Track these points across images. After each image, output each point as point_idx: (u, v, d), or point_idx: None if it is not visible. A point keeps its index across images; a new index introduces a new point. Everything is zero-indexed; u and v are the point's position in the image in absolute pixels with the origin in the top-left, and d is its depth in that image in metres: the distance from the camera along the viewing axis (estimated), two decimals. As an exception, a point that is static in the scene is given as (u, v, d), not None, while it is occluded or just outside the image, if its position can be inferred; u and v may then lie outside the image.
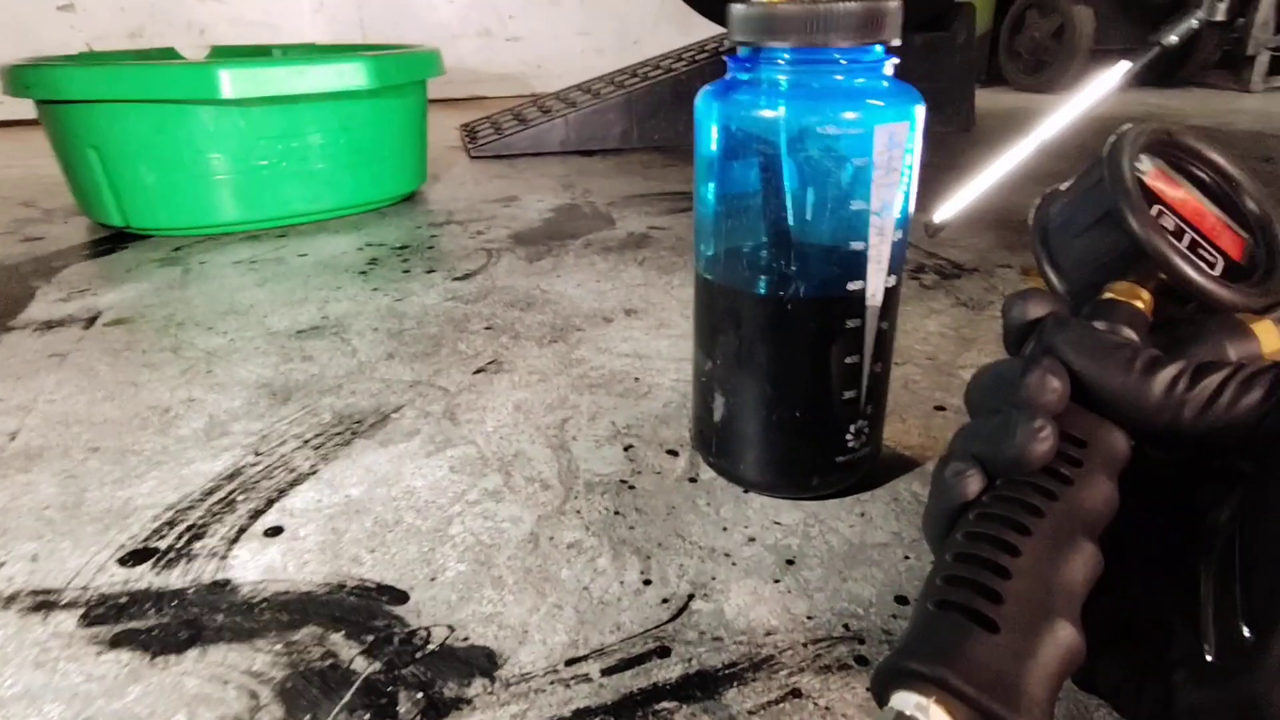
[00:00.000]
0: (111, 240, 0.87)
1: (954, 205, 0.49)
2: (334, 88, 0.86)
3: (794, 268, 0.34)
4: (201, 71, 0.80)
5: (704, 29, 1.60)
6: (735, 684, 0.28)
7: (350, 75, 0.87)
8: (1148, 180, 0.27)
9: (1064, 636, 0.18)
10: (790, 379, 0.36)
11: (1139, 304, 0.25)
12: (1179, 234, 0.26)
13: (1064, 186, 0.30)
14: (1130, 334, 0.24)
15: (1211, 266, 0.26)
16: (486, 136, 1.37)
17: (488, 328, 0.61)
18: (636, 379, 0.52)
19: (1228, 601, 0.20)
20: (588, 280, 0.71)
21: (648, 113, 1.36)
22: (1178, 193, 0.27)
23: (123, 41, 1.88)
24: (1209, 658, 0.20)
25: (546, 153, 1.33)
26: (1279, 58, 2.01)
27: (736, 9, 0.33)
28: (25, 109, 0.88)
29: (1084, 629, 0.20)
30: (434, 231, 0.88)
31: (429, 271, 0.74)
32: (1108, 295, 0.26)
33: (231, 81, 0.80)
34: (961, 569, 0.20)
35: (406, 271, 0.75)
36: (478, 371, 0.53)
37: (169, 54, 1.16)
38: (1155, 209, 0.26)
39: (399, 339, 0.59)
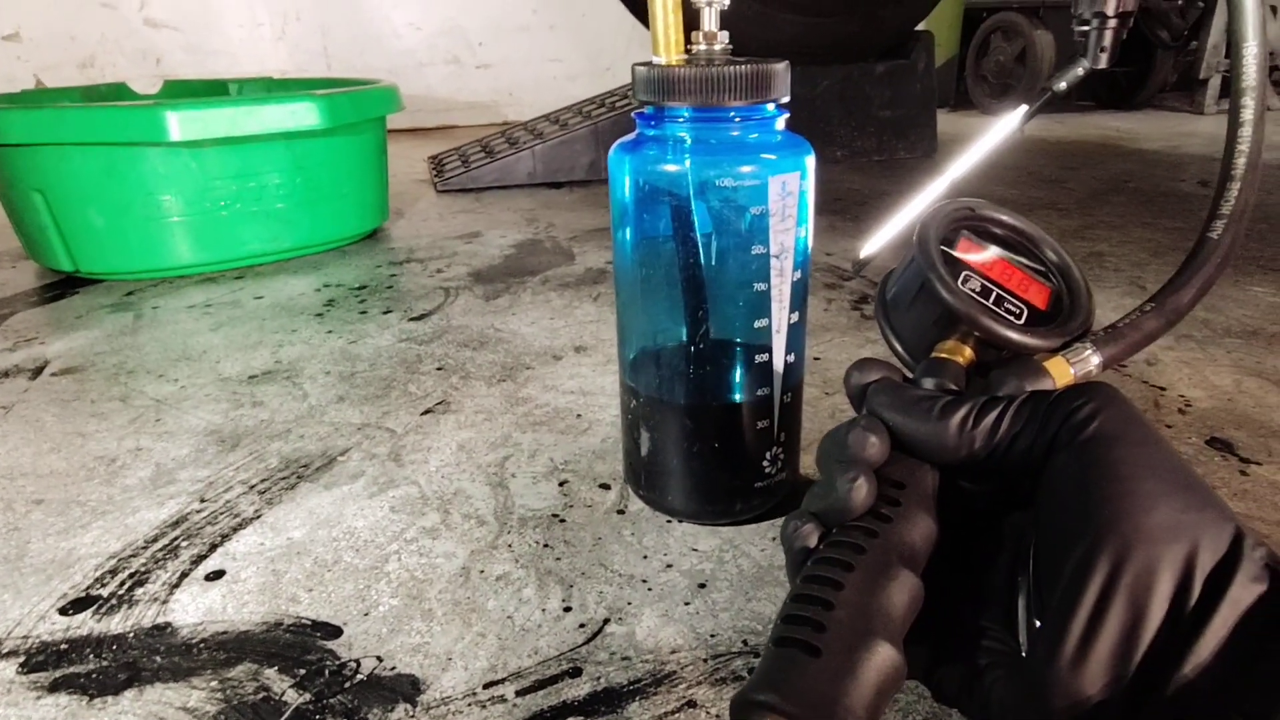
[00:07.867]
0: (61, 285, 0.87)
1: (877, 241, 0.52)
2: (286, 128, 0.86)
3: (704, 308, 0.37)
4: (148, 114, 0.80)
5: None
6: (638, 698, 0.30)
7: (303, 114, 0.87)
8: (956, 251, 0.31)
9: (881, 655, 0.21)
10: (707, 412, 0.38)
11: (960, 359, 0.29)
12: (986, 293, 0.30)
13: (898, 266, 0.34)
14: (953, 386, 0.28)
15: (1017, 317, 0.30)
16: (453, 170, 1.38)
17: (439, 368, 0.63)
18: (579, 415, 0.54)
19: (1032, 604, 0.23)
20: (541, 318, 0.73)
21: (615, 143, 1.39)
22: (983, 257, 0.31)
23: (72, 73, 1.80)
24: (1024, 655, 0.23)
25: (514, 185, 1.35)
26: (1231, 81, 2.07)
27: (639, 70, 0.35)
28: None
29: (921, 646, 0.22)
30: (394, 270, 0.90)
31: (385, 312, 0.76)
32: (935, 354, 0.30)
33: (180, 123, 0.80)
34: (795, 608, 0.22)
35: (363, 313, 0.76)
36: (425, 412, 0.55)
37: (120, 90, 1.16)
38: (963, 275, 0.30)
39: (350, 382, 0.61)
